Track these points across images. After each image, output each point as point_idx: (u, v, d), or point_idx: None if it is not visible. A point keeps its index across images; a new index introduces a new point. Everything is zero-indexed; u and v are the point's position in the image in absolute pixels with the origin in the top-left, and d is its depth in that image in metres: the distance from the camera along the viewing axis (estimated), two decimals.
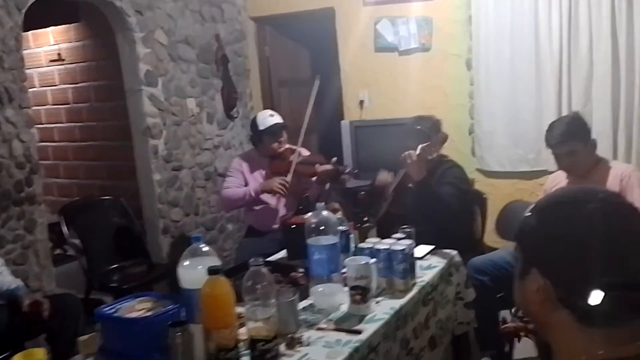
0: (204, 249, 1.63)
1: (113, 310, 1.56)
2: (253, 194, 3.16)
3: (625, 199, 0.90)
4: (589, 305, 0.81)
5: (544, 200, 0.93)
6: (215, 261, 1.59)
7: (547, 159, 3.64)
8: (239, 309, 1.60)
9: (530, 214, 0.91)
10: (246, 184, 3.25)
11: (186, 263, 1.60)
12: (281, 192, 3.09)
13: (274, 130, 3.20)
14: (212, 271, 1.46)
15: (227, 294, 1.47)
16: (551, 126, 2.73)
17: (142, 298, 1.62)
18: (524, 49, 3.69)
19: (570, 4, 3.50)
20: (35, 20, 3.77)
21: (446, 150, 3.90)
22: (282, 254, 2.59)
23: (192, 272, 1.58)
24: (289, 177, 3.12)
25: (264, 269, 1.54)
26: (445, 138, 2.82)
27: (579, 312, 0.83)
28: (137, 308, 1.56)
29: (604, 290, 0.80)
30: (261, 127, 3.21)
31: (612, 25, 3.41)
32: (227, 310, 1.47)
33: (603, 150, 3.04)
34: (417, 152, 2.60)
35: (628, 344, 0.81)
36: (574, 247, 0.83)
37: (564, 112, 3.51)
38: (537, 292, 0.86)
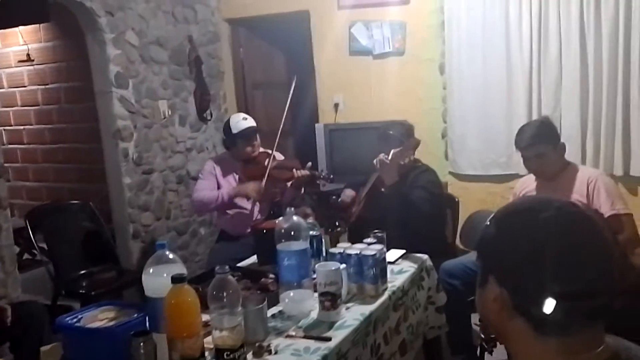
0: (169, 256, 1.59)
1: (75, 319, 1.52)
2: (226, 198, 3.13)
3: (580, 207, 0.90)
4: (544, 314, 0.81)
5: (503, 210, 0.93)
6: (181, 269, 1.56)
7: (518, 163, 3.68)
8: (206, 317, 1.57)
9: (489, 223, 0.91)
10: (218, 188, 3.21)
11: (151, 271, 1.56)
12: (256, 197, 3.06)
13: (247, 134, 3.17)
14: (176, 279, 1.43)
15: (191, 303, 1.44)
16: (521, 129, 2.78)
17: (105, 307, 1.58)
18: (495, 55, 3.73)
19: (541, 11, 3.55)
20: (4, 19, 3.67)
21: (420, 153, 3.92)
22: (253, 259, 2.56)
23: (157, 280, 1.54)
24: (263, 182, 3.10)
25: (230, 277, 1.51)
26: (417, 143, 2.82)
27: (535, 321, 0.83)
28: (99, 317, 1.52)
29: (558, 299, 0.80)
30: (234, 131, 3.17)
31: (581, 32, 3.46)
32: (191, 319, 1.44)
33: (571, 154, 3.08)
34: (390, 156, 2.61)
35: (583, 353, 0.82)
36: (528, 255, 0.83)
37: (534, 117, 3.55)
38: (494, 300, 0.87)
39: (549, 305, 0.80)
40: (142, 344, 1.41)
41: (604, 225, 0.99)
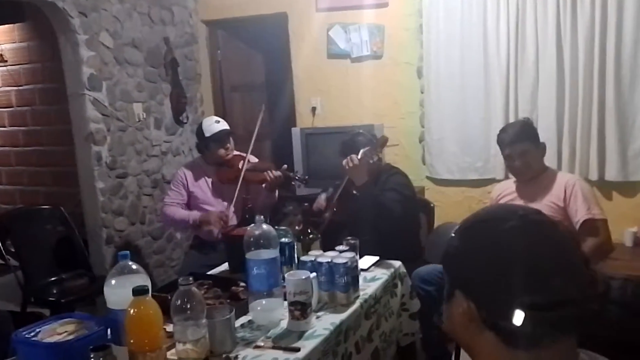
0: (132, 267, 1.55)
1: (32, 333, 1.47)
2: (191, 222, 3.10)
3: (544, 215, 0.87)
4: (513, 326, 0.79)
5: (466, 221, 0.91)
6: (145, 280, 1.52)
7: (495, 167, 3.71)
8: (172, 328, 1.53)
9: (454, 235, 0.89)
10: (188, 197, 3.17)
11: (113, 282, 1.52)
12: (218, 228, 3.02)
13: (220, 137, 3.12)
14: (137, 292, 1.39)
15: (153, 315, 1.40)
16: (504, 128, 2.83)
17: (64, 320, 1.53)
18: (472, 59, 3.73)
19: (518, 16, 3.56)
20: None
21: (397, 157, 3.94)
22: (226, 266, 2.53)
23: (120, 291, 1.50)
24: (231, 206, 3.07)
25: (194, 289, 1.48)
26: (385, 140, 2.81)
27: (504, 334, 0.81)
28: (58, 331, 1.47)
29: (526, 311, 0.78)
30: (207, 134, 3.13)
31: (557, 37, 3.48)
32: (154, 332, 1.41)
33: (547, 158, 3.07)
34: (359, 156, 2.60)
35: None
36: (494, 267, 0.81)
37: (512, 121, 3.55)
38: (462, 314, 0.84)
39: (518, 317, 0.78)
40: (101, 358, 1.36)
41: (570, 233, 0.98)
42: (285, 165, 3.13)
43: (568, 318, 0.79)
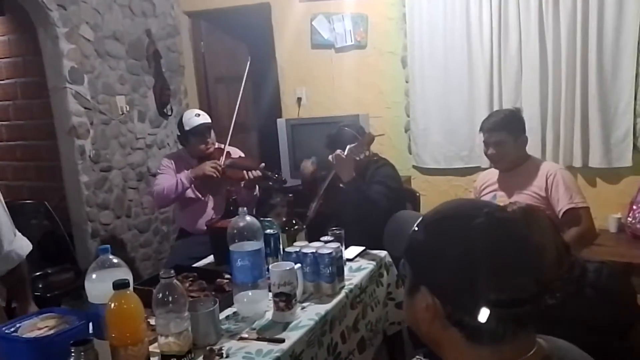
0: (113, 261, 1.53)
1: (12, 328, 1.45)
2: (186, 182, 3.04)
3: (508, 212, 0.88)
4: (476, 322, 0.79)
5: (431, 215, 0.91)
6: (126, 273, 1.50)
7: (480, 156, 3.72)
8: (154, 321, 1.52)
9: (417, 229, 0.89)
10: None
11: (93, 276, 1.51)
12: (214, 174, 2.99)
13: (200, 130, 3.09)
14: (117, 285, 1.38)
15: (134, 309, 1.39)
16: (490, 114, 2.86)
17: (45, 315, 1.51)
18: (456, 48, 3.73)
19: (500, 5, 3.56)
20: None
21: (383, 147, 3.93)
22: (211, 258, 2.52)
23: (100, 285, 1.48)
24: (218, 185, 3.04)
25: (176, 282, 1.47)
26: (372, 138, 2.80)
27: (467, 330, 0.82)
28: (39, 326, 1.46)
29: (491, 308, 0.79)
30: (187, 128, 3.10)
31: (540, 26, 3.49)
32: (135, 326, 1.39)
33: (531, 147, 3.10)
34: (346, 152, 2.59)
35: (516, 358, 0.82)
36: (459, 264, 0.81)
37: (495, 109, 3.56)
38: (426, 310, 0.84)
39: (483, 314, 0.79)
40: (82, 353, 1.35)
41: (548, 223, 0.98)
42: (263, 164, 3.10)
43: (530, 314, 0.81)
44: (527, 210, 0.92)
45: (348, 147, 2.59)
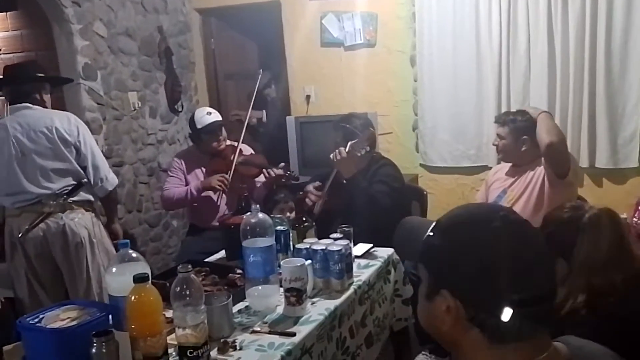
0: (132, 255, 1.59)
1: (36, 319, 1.51)
2: (195, 192, 3.12)
3: (519, 215, 0.92)
4: (498, 322, 0.83)
5: (448, 220, 0.93)
6: (144, 267, 1.56)
7: (487, 155, 3.75)
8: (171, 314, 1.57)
9: (433, 234, 0.91)
10: (187, 184, 3.20)
11: (114, 270, 1.56)
12: (221, 188, 3.06)
13: (212, 128, 3.15)
14: (138, 279, 1.43)
15: (153, 302, 1.44)
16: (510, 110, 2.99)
17: (67, 307, 1.57)
18: (465, 47, 3.76)
19: (510, 5, 3.59)
20: None
21: (391, 146, 3.97)
22: (222, 253, 2.57)
23: (120, 278, 1.54)
24: (230, 174, 3.10)
25: (193, 276, 1.52)
26: (373, 135, 2.84)
27: (489, 330, 0.84)
28: (61, 317, 1.51)
29: (513, 308, 0.82)
30: (199, 126, 3.16)
31: (549, 26, 3.52)
32: (154, 318, 1.45)
33: None
34: (346, 149, 2.62)
35: (535, 357, 0.85)
36: (480, 267, 0.84)
37: (503, 109, 3.60)
38: (447, 312, 0.87)
39: (505, 314, 0.82)
40: (104, 343, 1.41)
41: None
42: (283, 163, 3.17)
43: (547, 311, 0.85)
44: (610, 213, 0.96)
45: (349, 143, 2.63)
